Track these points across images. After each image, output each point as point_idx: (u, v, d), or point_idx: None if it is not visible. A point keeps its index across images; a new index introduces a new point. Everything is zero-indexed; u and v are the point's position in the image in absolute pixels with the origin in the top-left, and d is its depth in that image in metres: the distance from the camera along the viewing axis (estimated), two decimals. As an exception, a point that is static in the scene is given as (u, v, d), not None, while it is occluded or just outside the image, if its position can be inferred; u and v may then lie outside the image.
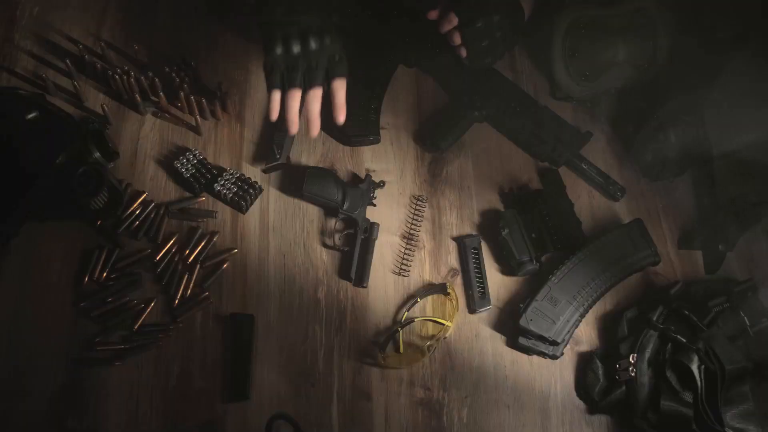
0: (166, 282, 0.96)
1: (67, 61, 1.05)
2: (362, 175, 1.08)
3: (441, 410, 0.94)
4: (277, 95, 0.88)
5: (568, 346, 1.00)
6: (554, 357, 0.98)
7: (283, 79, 0.88)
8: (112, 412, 0.88)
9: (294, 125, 0.90)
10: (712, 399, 0.90)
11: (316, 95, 0.89)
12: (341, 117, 0.92)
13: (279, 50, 0.87)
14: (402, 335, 0.97)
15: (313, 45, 0.88)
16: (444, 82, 1.18)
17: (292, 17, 0.89)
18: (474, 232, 1.07)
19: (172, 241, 0.98)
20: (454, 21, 1.02)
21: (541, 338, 0.97)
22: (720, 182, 1.10)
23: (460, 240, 1.05)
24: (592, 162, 1.13)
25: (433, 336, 0.98)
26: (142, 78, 1.05)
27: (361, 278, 0.99)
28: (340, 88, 0.91)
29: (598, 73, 1.14)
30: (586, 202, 1.12)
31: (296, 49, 0.88)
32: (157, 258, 0.97)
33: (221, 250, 1.00)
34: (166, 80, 1.07)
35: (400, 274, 1.02)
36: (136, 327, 0.92)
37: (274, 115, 0.89)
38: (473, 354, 0.99)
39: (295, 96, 0.89)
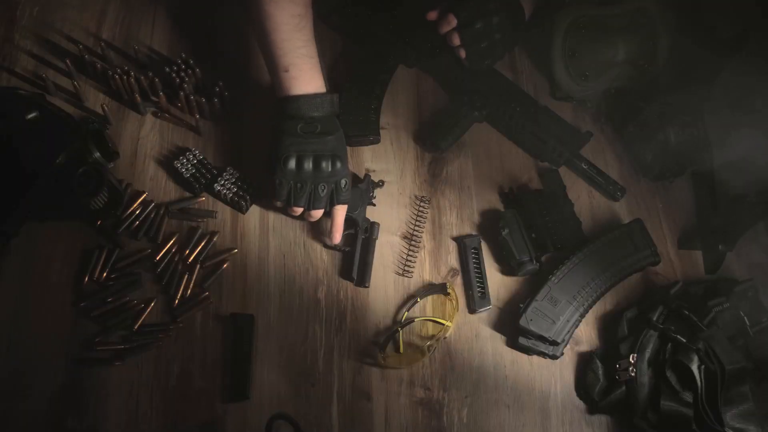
0: (166, 282, 0.96)
1: (67, 61, 1.05)
2: (362, 175, 1.08)
3: (441, 410, 0.94)
4: (279, 204, 0.97)
5: (568, 346, 1.00)
6: (554, 357, 0.98)
7: (290, 195, 0.94)
8: (112, 412, 0.88)
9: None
10: (712, 399, 0.90)
11: (316, 214, 0.97)
12: (337, 238, 0.98)
13: (291, 167, 0.93)
14: (402, 335, 0.97)
15: (324, 168, 0.94)
16: (444, 82, 1.17)
17: (309, 139, 0.94)
18: (474, 232, 1.07)
19: (172, 241, 0.98)
20: (453, 22, 1.02)
21: (541, 338, 0.97)
22: (720, 182, 1.10)
23: (460, 240, 1.05)
24: (592, 162, 1.13)
25: (433, 336, 0.98)
26: (142, 78, 1.05)
27: (362, 278, 0.99)
28: (340, 213, 0.98)
29: (598, 73, 1.14)
30: (586, 202, 1.12)
31: (308, 169, 0.93)
32: (157, 258, 0.97)
33: (221, 250, 1.00)
34: (166, 80, 1.07)
35: (403, 274, 1.02)
36: (136, 327, 0.92)
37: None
38: (473, 354, 0.99)
39: (297, 211, 0.97)
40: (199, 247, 0.98)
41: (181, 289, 0.95)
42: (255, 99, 1.11)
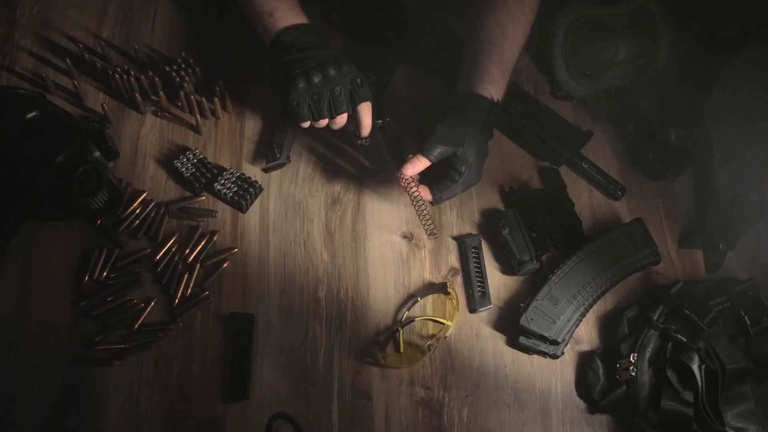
0: (166, 281, 0.96)
1: (67, 60, 1.05)
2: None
3: (441, 410, 0.94)
4: (306, 124, 0.95)
5: (569, 345, 1.00)
6: (555, 356, 0.98)
7: (312, 110, 0.93)
8: (112, 411, 0.88)
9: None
10: (712, 398, 0.90)
11: (341, 120, 0.96)
12: (366, 133, 0.98)
13: (302, 84, 0.92)
14: (402, 334, 0.96)
15: (332, 73, 0.92)
16: (444, 82, 1.17)
17: (307, 53, 0.93)
18: (474, 232, 1.07)
19: (172, 241, 0.98)
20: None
21: (542, 337, 0.97)
22: (720, 181, 1.10)
23: (460, 239, 1.05)
24: (593, 161, 1.13)
25: (433, 335, 0.98)
26: (142, 77, 1.05)
27: (400, 161, 0.94)
28: (365, 111, 0.95)
29: (598, 72, 1.14)
30: (586, 201, 1.12)
31: (317, 79, 0.92)
32: (157, 257, 0.97)
33: (221, 249, 1.00)
34: (166, 79, 1.07)
35: (431, 234, 1.02)
36: (136, 326, 0.92)
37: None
38: (473, 353, 0.99)
39: (323, 123, 0.96)
40: (199, 247, 0.98)
41: (181, 288, 0.95)
42: (255, 98, 1.11)
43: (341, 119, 0.96)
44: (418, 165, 0.93)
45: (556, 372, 0.99)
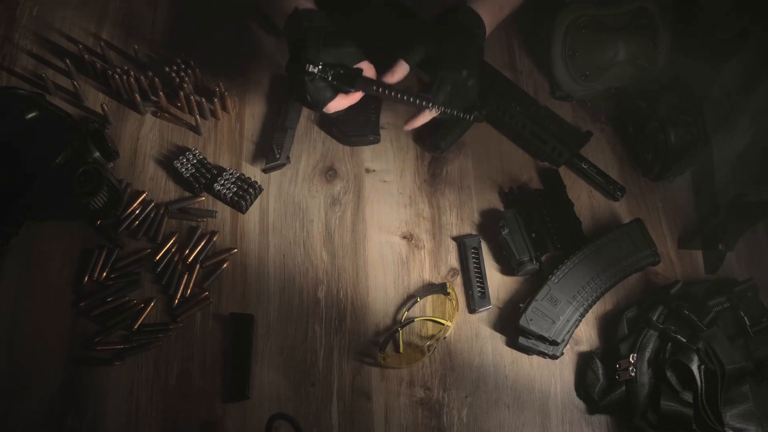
0: (165, 282, 0.96)
1: (67, 60, 1.05)
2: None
3: (441, 410, 0.94)
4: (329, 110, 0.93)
5: (568, 345, 1.00)
6: (554, 357, 0.98)
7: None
8: (111, 411, 0.88)
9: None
10: (712, 399, 0.90)
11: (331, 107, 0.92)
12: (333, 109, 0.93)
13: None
14: (402, 335, 0.96)
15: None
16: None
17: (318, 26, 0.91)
18: (474, 232, 1.07)
19: (171, 241, 0.98)
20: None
21: (541, 338, 0.97)
22: (720, 182, 1.10)
23: (459, 240, 1.05)
24: (592, 162, 1.13)
25: (433, 336, 0.98)
26: (142, 78, 1.05)
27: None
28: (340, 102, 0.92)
29: (598, 73, 1.14)
30: (586, 201, 1.12)
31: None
32: (157, 258, 0.97)
33: (221, 249, 1.00)
34: (165, 80, 1.07)
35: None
36: (135, 327, 0.92)
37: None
38: (473, 354, 0.99)
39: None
40: (199, 247, 0.98)
41: (181, 288, 0.95)
42: (254, 99, 1.11)
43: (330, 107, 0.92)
44: (401, 70, 0.95)
45: (555, 372, 0.99)
